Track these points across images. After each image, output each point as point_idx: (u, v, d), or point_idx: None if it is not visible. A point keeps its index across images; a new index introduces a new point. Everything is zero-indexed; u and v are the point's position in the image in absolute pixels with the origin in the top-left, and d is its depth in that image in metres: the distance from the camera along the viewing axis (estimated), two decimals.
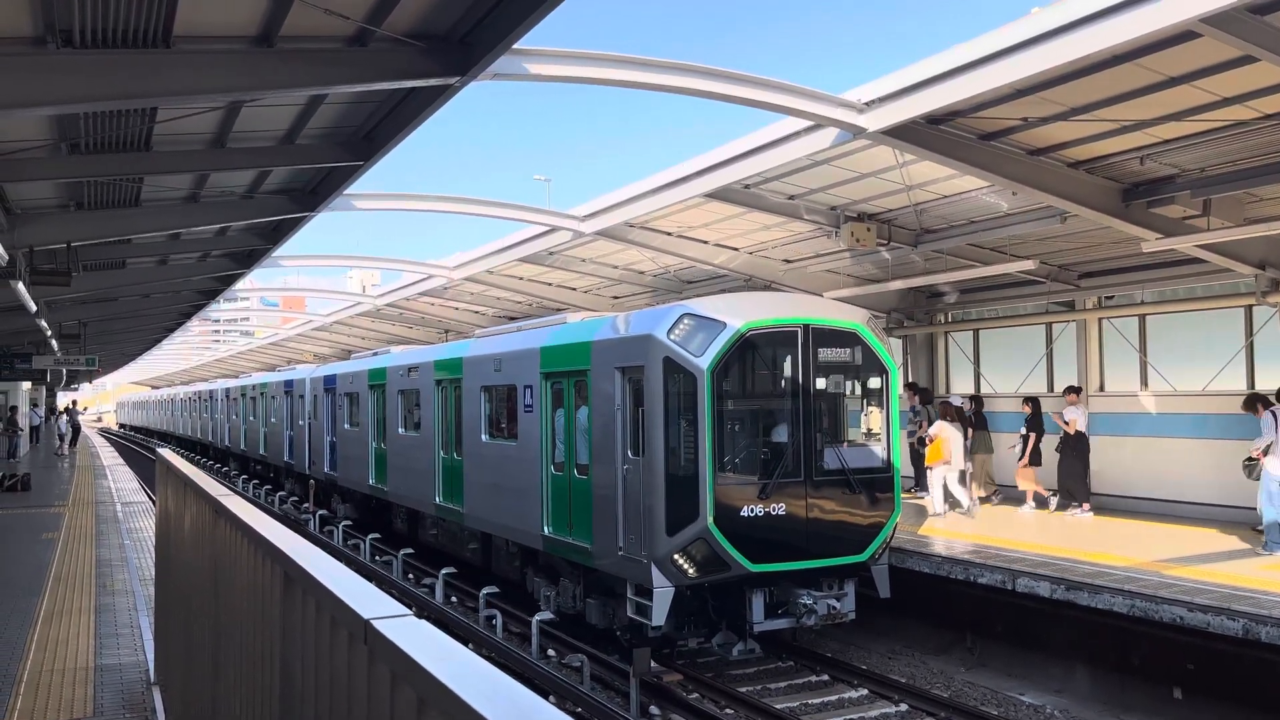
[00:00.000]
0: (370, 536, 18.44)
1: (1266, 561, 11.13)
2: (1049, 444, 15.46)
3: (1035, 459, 15.48)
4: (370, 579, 11.26)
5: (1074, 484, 14.96)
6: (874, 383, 11.50)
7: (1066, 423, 15.08)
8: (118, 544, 14.06)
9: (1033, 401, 15.91)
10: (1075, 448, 15.00)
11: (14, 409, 37.22)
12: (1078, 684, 10.66)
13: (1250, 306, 14.19)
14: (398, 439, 18.47)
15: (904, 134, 11.08)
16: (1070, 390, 15.68)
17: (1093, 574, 10.65)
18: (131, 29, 7.45)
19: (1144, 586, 10.00)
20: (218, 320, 48.27)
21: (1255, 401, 12.34)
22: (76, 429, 50.62)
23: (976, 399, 17.51)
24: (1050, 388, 17.33)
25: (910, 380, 18.65)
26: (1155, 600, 9.54)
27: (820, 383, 11.12)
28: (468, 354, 15.49)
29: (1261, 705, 9.03)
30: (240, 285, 25.08)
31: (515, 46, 8.22)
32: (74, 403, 63.68)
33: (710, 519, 10.11)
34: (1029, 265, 14.88)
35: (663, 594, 10.16)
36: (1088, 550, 12.05)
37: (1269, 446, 11.69)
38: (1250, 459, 11.95)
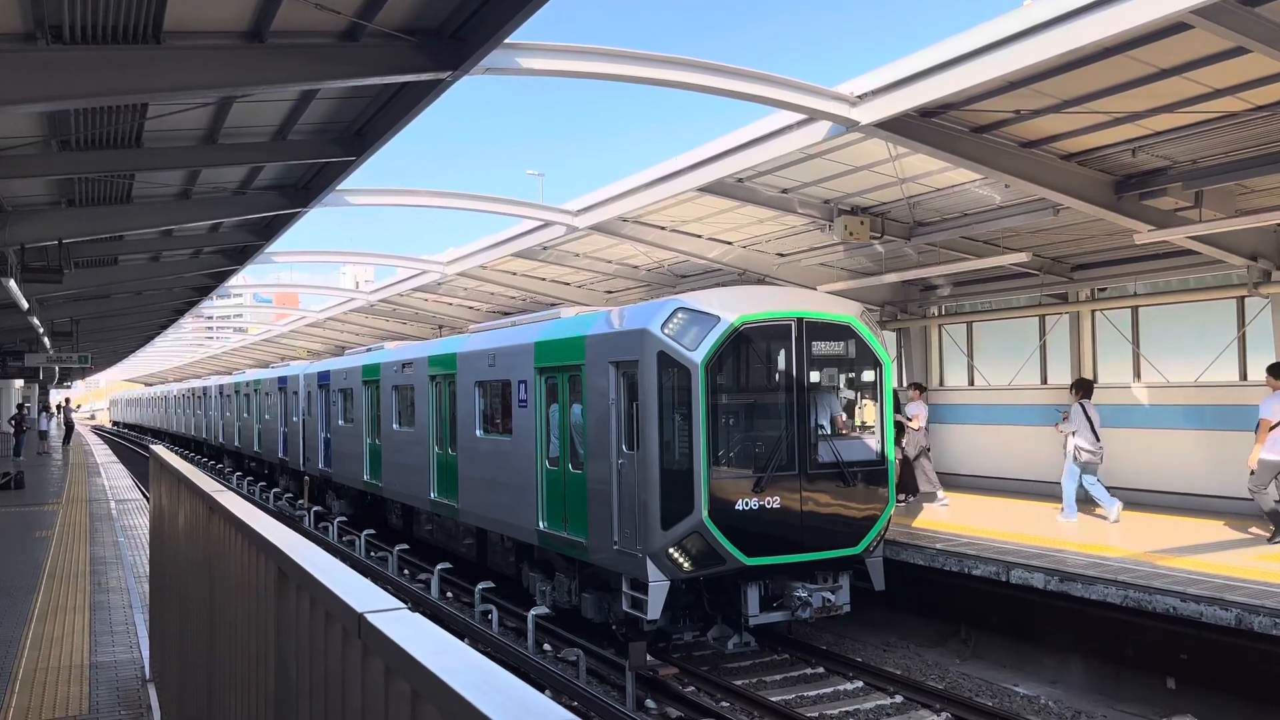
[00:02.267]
0: (365, 532, 18.43)
1: (1261, 551, 11.18)
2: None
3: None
4: (365, 575, 11.27)
5: (917, 477, 15.46)
6: (868, 376, 11.51)
7: (909, 419, 15.34)
8: (112, 541, 14.04)
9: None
10: (919, 442, 15.52)
11: (20, 406, 37.16)
12: (1072, 675, 10.71)
13: (1242, 298, 14.22)
14: (392, 435, 18.46)
15: (897, 127, 11.08)
16: (913, 386, 15.91)
17: (1086, 565, 10.69)
18: (122, 25, 7.42)
19: (1137, 577, 10.04)
20: (211, 317, 48.17)
21: (1074, 387, 14.00)
22: (70, 427, 50.49)
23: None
24: (1044, 380, 17.37)
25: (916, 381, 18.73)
26: (1149, 591, 9.58)
27: (814, 376, 11.13)
28: (462, 349, 15.47)
29: (1254, 695, 9.08)
30: (233, 282, 24.98)
31: (507, 41, 8.20)
32: (67, 400, 63.55)
33: (705, 513, 10.12)
34: (1022, 258, 14.91)
35: (658, 588, 10.18)
36: (1083, 542, 12.09)
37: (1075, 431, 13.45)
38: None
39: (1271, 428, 11.41)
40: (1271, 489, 11.59)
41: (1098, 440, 13.44)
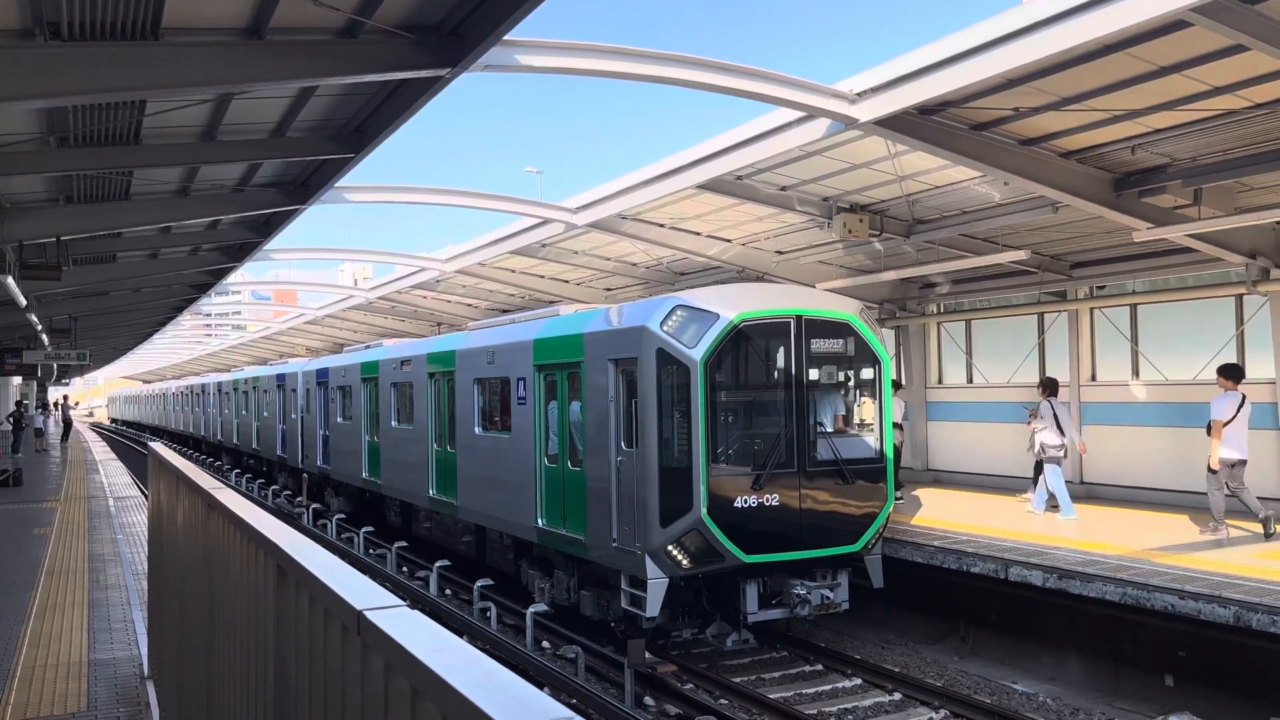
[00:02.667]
0: (364, 530, 18.44)
1: (1259, 549, 11.19)
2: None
3: None
4: (364, 572, 11.25)
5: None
6: (866, 373, 11.51)
7: None
8: (110, 539, 14.03)
9: None
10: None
11: (19, 404, 37.04)
12: (1070, 672, 10.71)
13: (1241, 295, 14.23)
14: (391, 432, 18.45)
15: (896, 124, 11.08)
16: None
17: (1084, 562, 10.70)
18: (120, 21, 7.41)
19: (1136, 575, 10.05)
20: (209, 314, 48.11)
21: (1042, 386, 14.61)
22: (68, 425, 50.50)
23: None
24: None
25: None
26: (1147, 588, 9.58)
27: (813, 373, 11.13)
28: (461, 347, 15.47)
29: (1253, 692, 9.09)
30: (231, 279, 24.97)
31: (506, 38, 8.19)
32: (65, 397, 63.55)
33: (704, 510, 10.12)
34: (1021, 255, 14.90)
35: (657, 585, 10.18)
36: (1080, 540, 12.09)
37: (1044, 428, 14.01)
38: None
39: (1224, 426, 11.85)
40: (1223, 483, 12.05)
41: (1063, 435, 13.96)
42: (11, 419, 33.79)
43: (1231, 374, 12.29)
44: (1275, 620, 8.54)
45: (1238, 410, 11.94)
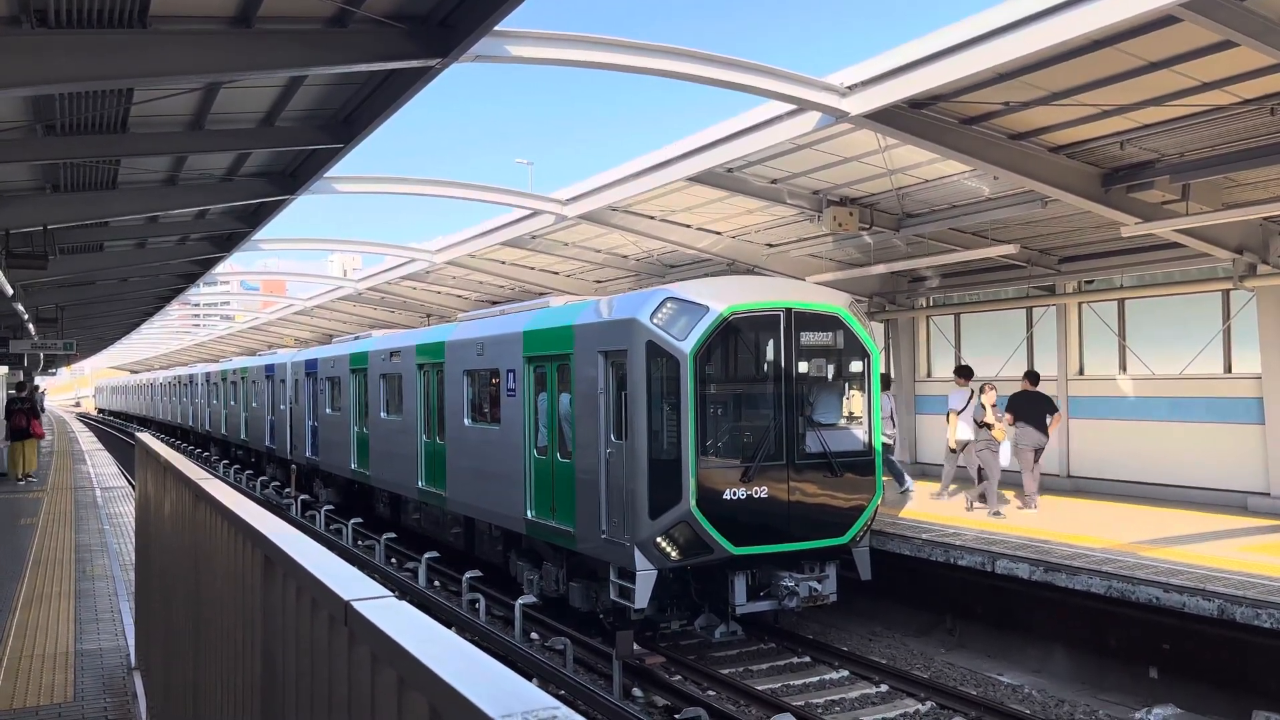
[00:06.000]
0: (352, 521, 18.41)
1: (1244, 542, 11.27)
2: None
3: None
4: (352, 563, 11.24)
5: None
6: (855, 366, 11.53)
7: None
8: (97, 529, 13.98)
9: None
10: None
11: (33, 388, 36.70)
12: (1056, 664, 10.78)
13: (1227, 291, 14.30)
14: (380, 423, 18.42)
15: (886, 118, 11.09)
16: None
17: (1071, 555, 10.75)
18: (107, 9, 7.35)
19: (1121, 568, 10.11)
20: (197, 304, 47.85)
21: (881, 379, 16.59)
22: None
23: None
24: None
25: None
26: (1132, 581, 9.64)
27: (802, 366, 11.15)
28: (450, 338, 15.45)
29: (1236, 684, 9.16)
30: (220, 269, 24.85)
31: (497, 28, 8.16)
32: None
33: (693, 502, 10.14)
34: (1010, 249, 14.95)
35: (645, 577, 10.19)
36: (1068, 533, 12.16)
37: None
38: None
39: (958, 414, 14.57)
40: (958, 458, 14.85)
41: (894, 426, 15.75)
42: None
43: (963, 373, 15.01)
44: (1259, 614, 8.61)
45: (967, 403, 14.53)
